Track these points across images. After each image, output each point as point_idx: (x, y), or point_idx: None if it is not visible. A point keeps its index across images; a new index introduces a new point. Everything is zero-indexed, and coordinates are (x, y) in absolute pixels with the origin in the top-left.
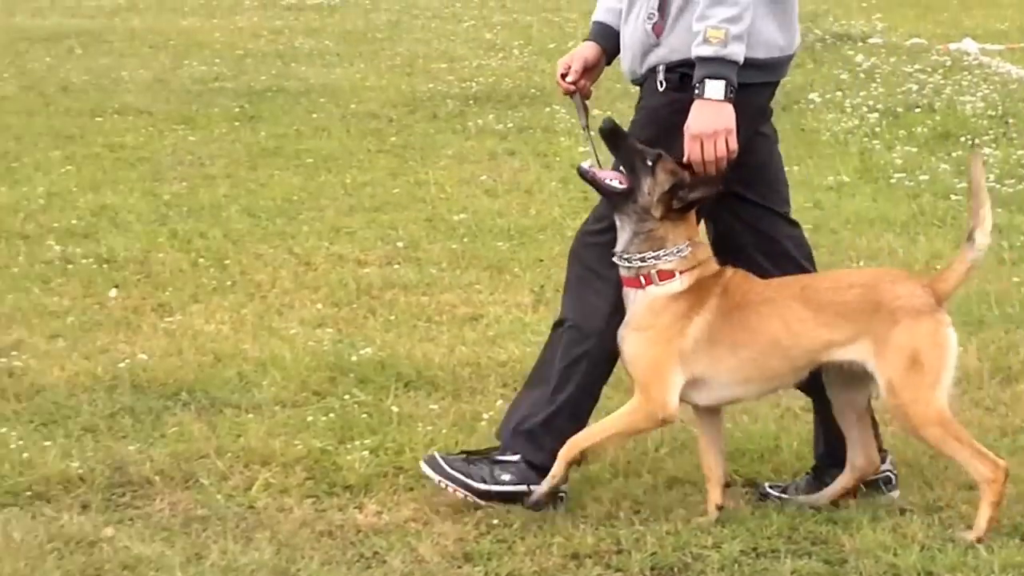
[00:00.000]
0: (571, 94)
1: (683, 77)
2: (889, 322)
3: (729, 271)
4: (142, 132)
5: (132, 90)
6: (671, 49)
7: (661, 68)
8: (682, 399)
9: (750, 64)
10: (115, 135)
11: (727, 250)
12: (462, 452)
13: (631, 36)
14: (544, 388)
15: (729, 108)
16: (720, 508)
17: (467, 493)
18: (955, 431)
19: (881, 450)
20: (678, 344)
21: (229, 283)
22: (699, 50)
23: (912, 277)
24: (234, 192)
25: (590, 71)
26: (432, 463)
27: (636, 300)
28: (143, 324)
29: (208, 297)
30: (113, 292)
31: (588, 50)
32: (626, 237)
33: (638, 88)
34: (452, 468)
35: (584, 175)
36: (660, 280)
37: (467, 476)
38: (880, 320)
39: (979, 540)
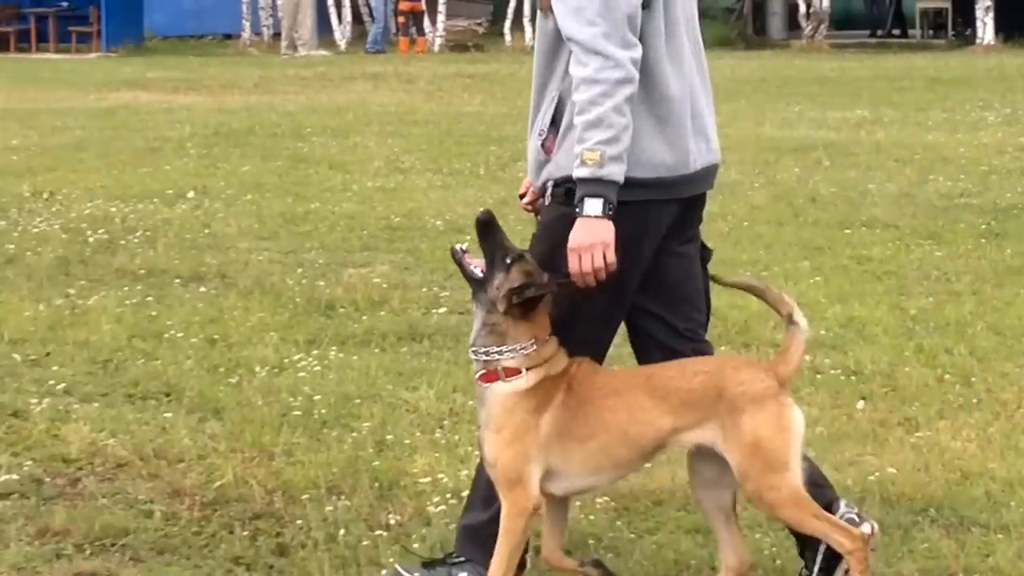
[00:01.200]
0: (531, 211)
1: (569, 192)
2: (734, 410)
3: (575, 365)
4: (888, 245)
5: (879, 203)
6: (558, 166)
7: (550, 183)
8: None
9: (634, 183)
10: (862, 247)
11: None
12: (421, 559)
13: (529, 151)
14: (481, 488)
15: (607, 224)
16: None
17: None
18: (811, 510)
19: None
20: (532, 439)
21: (975, 400)
22: (578, 171)
23: (753, 363)
24: (980, 309)
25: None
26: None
27: (488, 398)
28: (890, 437)
29: (954, 414)
30: (860, 404)
31: None
32: (476, 327)
33: None
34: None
35: (454, 256)
36: (507, 377)
37: None
38: (724, 406)
39: None
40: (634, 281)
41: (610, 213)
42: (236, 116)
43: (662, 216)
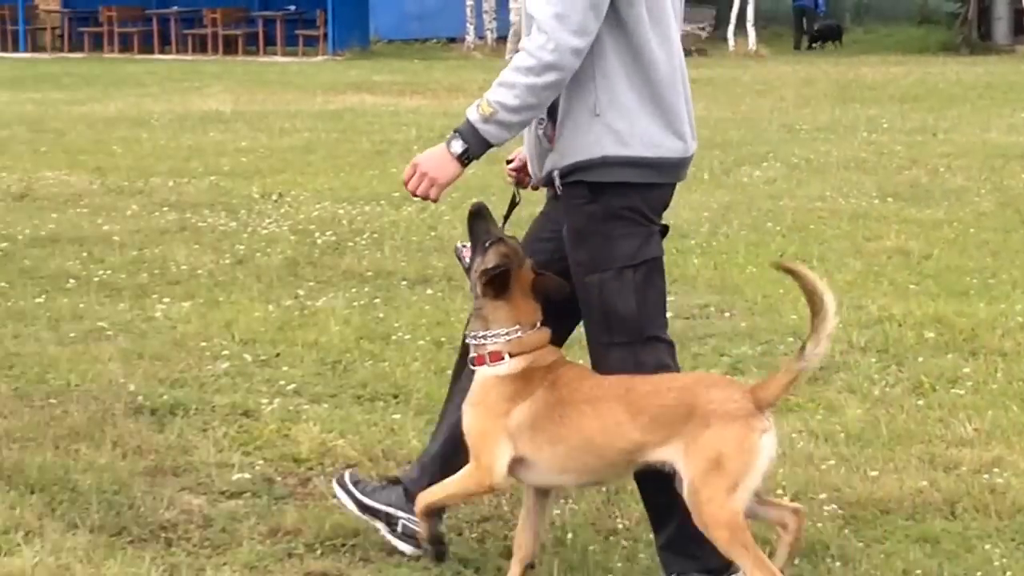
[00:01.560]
0: (514, 183)
1: (589, 186)
2: (701, 425)
3: (564, 364)
4: None
5: None
6: (562, 154)
7: (556, 173)
8: (511, 474)
9: (636, 163)
10: None
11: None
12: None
13: (529, 143)
14: (654, 508)
15: (455, 167)
16: None
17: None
18: (743, 538)
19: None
20: (503, 422)
21: None
22: (468, 111)
23: (731, 383)
24: None
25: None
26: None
27: (475, 376)
28: None
29: None
30: None
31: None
32: (470, 314)
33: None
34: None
35: (456, 252)
36: (491, 362)
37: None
38: (693, 423)
39: None
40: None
41: (465, 161)
42: (461, 119)
43: (666, 197)
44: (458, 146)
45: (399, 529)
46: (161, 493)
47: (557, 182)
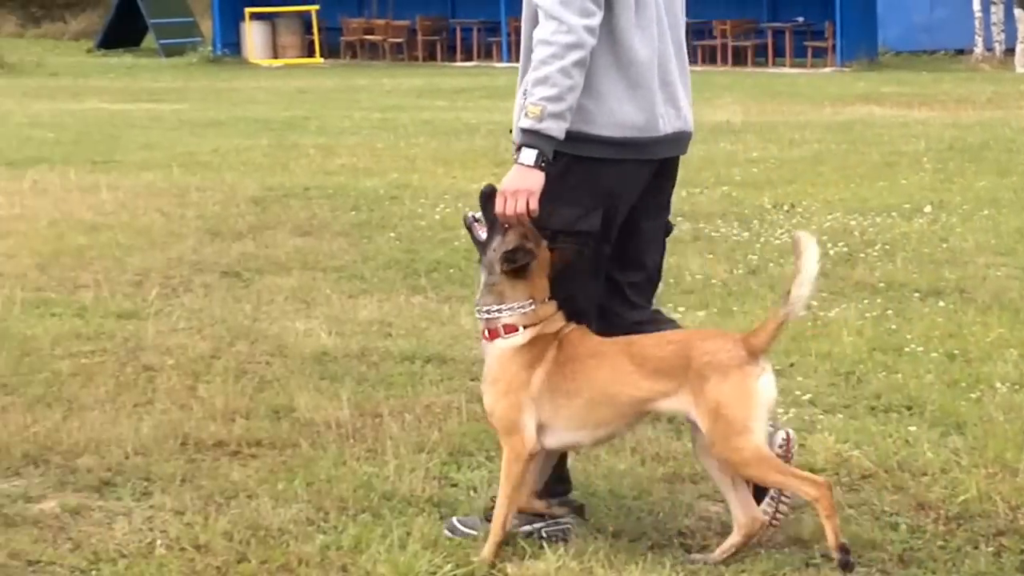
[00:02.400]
0: None
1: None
2: (700, 378)
3: (569, 327)
4: None
5: None
6: None
7: None
8: None
9: (608, 142)
10: None
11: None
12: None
13: (516, 109)
14: None
15: (537, 175)
16: None
17: None
18: (774, 465)
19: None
20: (526, 392)
21: None
22: (521, 122)
23: (724, 334)
24: None
25: None
26: None
27: (488, 353)
28: None
29: None
30: None
31: None
32: (480, 288)
33: None
34: None
35: (465, 221)
36: (506, 334)
37: None
38: (693, 375)
39: (838, 548)
40: (612, 235)
41: (542, 165)
42: (970, 131)
43: (637, 177)
44: (529, 156)
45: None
46: (679, 500)
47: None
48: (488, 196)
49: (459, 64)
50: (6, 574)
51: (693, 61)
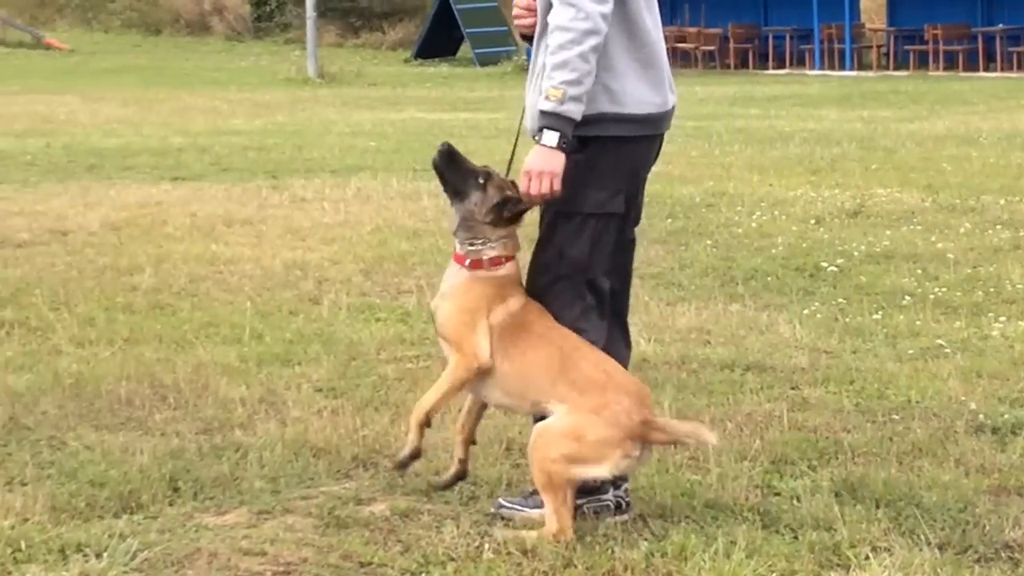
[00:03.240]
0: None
1: (579, 140)
2: (589, 409)
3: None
4: None
5: None
6: None
7: None
8: None
9: (626, 119)
10: None
11: None
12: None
13: (531, 97)
14: None
15: (560, 156)
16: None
17: None
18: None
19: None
20: (485, 315)
21: None
22: (541, 105)
23: (640, 401)
24: None
25: None
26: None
27: (457, 275)
28: None
29: None
30: None
31: None
32: (456, 223)
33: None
34: None
35: (443, 154)
36: (491, 266)
37: None
38: (586, 400)
39: None
40: (633, 215)
41: (564, 146)
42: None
43: (650, 153)
44: (551, 137)
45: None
46: (1006, 512)
47: None
48: (448, 155)
49: (771, 72)
50: (339, 574)
51: (1008, 67)
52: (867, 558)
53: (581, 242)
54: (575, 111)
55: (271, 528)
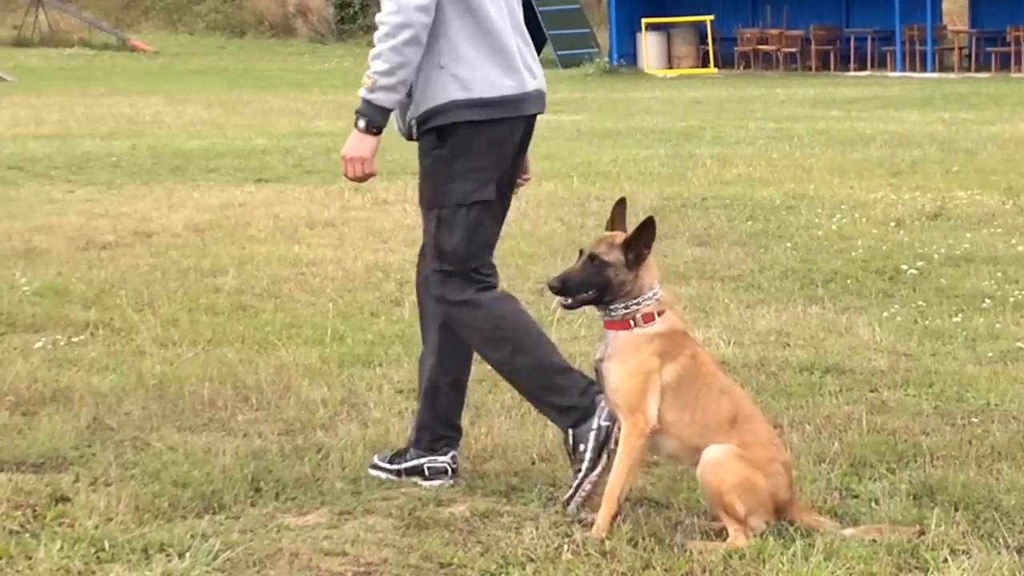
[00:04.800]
0: None
1: (436, 132)
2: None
3: (693, 340)
4: None
5: None
6: (417, 104)
7: (413, 122)
8: None
9: (477, 103)
10: None
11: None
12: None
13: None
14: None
15: (369, 140)
16: None
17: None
18: None
19: None
20: (657, 376)
21: None
22: (360, 92)
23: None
24: None
25: None
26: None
27: (617, 338)
28: None
29: None
30: None
31: None
32: (611, 309)
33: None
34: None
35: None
36: (644, 323)
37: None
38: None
39: None
40: (508, 187)
41: (374, 131)
42: None
43: (515, 131)
44: (362, 123)
45: (427, 473)
46: None
47: (414, 130)
48: (562, 283)
49: (852, 74)
50: (419, 575)
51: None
52: (945, 561)
53: (456, 235)
54: (385, 100)
55: (352, 529)
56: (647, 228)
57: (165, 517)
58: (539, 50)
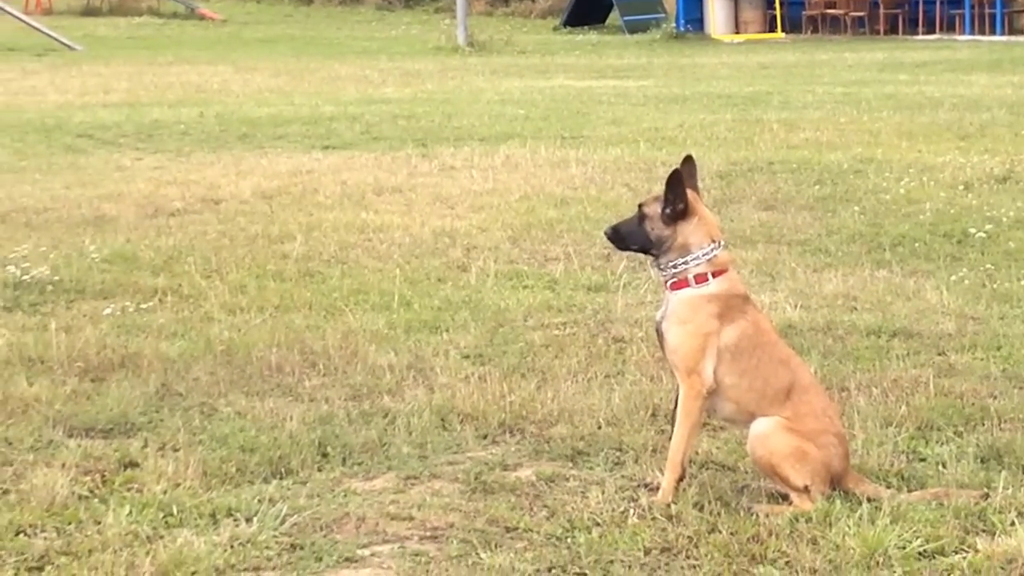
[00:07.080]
0: None
1: None
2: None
3: (754, 305)
4: None
5: None
6: None
7: None
8: None
9: None
10: None
11: None
12: None
13: None
14: None
15: None
16: None
17: None
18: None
19: None
20: (715, 338)
21: None
22: None
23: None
24: None
25: None
26: None
27: (677, 298)
28: None
29: None
30: None
31: None
32: (659, 262)
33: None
34: None
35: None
36: (697, 284)
37: None
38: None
39: None
40: None
41: None
42: None
43: None
44: None
45: None
46: None
47: None
48: (616, 238)
49: (921, 37)
50: (485, 539)
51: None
52: (1012, 524)
53: None
54: None
55: (418, 493)
56: (672, 182)
57: (232, 482)
58: (605, 16)
